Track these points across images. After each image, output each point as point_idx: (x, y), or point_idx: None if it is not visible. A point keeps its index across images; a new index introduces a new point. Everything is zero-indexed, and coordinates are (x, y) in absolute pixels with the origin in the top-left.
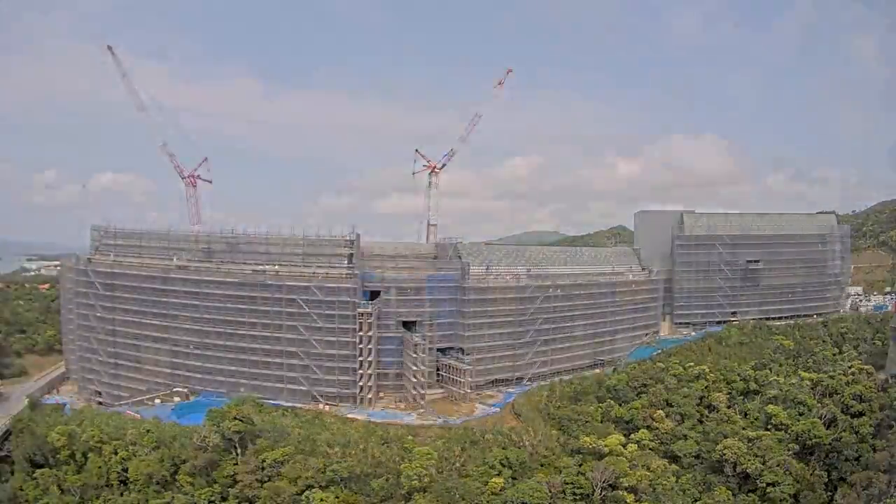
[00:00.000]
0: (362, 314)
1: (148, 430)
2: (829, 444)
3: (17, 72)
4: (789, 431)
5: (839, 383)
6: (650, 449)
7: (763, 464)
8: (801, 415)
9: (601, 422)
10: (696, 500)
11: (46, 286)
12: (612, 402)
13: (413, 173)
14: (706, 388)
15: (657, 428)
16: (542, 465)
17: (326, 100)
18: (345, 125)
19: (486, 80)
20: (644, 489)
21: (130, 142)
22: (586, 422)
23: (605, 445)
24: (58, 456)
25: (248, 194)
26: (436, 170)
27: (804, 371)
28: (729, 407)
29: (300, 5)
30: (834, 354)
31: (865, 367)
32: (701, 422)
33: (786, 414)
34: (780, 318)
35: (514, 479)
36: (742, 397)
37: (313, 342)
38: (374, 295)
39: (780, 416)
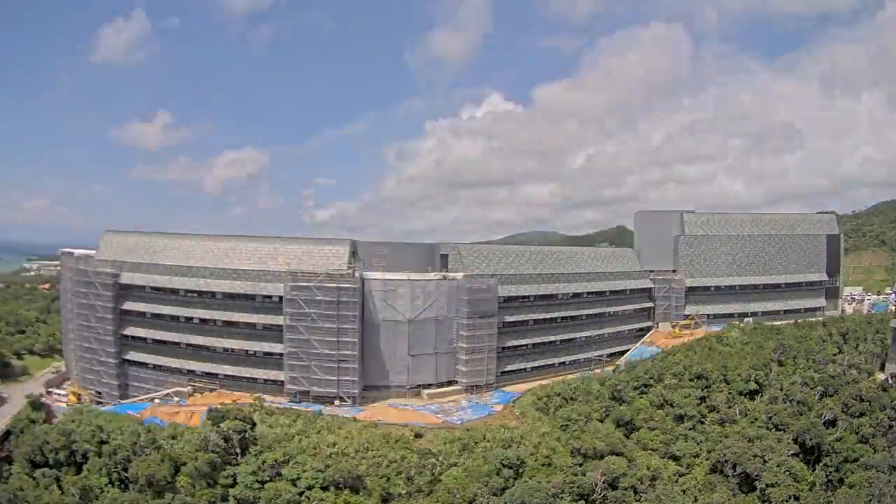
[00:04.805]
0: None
1: (148, 430)
2: (829, 444)
3: None
4: (789, 431)
5: (839, 383)
6: (650, 449)
7: (763, 464)
8: (801, 415)
9: (601, 422)
10: (696, 500)
11: (46, 286)
12: (612, 402)
13: None
14: (707, 387)
15: (657, 428)
16: (542, 465)
17: None
18: None
19: None
20: (644, 489)
21: None
22: (586, 422)
23: (606, 445)
24: (58, 456)
25: None
26: None
27: (804, 371)
28: (729, 407)
29: None
30: (834, 354)
31: (865, 367)
32: (701, 422)
33: (786, 414)
34: (780, 318)
35: (514, 478)
36: (742, 397)
37: (313, 342)
38: None
39: (780, 416)
